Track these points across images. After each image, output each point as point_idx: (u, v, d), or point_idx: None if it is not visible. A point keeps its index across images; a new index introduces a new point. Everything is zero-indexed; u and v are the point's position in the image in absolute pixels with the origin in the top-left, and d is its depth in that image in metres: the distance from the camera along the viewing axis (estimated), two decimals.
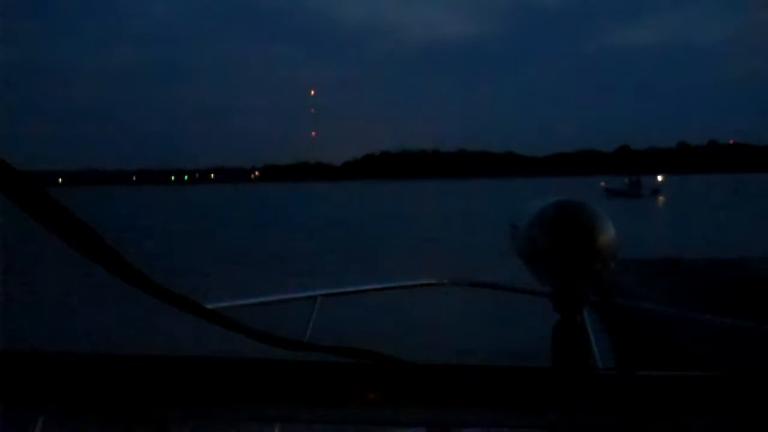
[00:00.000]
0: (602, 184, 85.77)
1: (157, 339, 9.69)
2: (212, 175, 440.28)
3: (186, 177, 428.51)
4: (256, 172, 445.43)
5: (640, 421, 0.79)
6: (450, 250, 27.16)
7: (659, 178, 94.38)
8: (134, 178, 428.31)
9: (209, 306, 2.52)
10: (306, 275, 19.21)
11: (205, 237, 38.00)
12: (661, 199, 77.35)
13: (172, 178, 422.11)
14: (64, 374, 0.78)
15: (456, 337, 11.08)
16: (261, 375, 0.80)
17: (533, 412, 0.80)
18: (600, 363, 1.11)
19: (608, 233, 1.08)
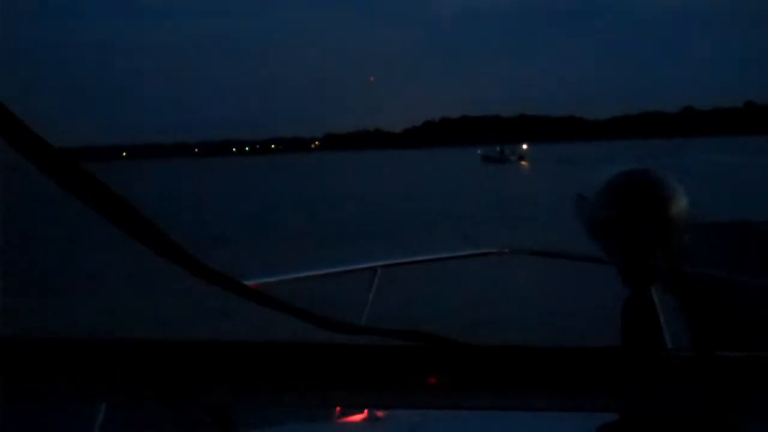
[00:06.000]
0: (479, 151, 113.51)
1: (203, 322, 9.85)
2: (273, 145, 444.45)
3: (247, 148, 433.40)
4: (316, 142, 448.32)
5: (717, 406, 0.74)
6: (512, 218, 27.00)
7: (524, 146, 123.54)
8: (196, 150, 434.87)
9: (258, 281, 2.53)
10: (365, 246, 19.28)
11: (257, 210, 38.46)
12: (524, 163, 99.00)
13: (234, 149, 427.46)
14: (121, 361, 0.77)
15: (517, 311, 10.98)
16: (317, 359, 0.77)
17: (602, 396, 0.76)
18: (673, 342, 1.07)
19: (681, 203, 1.03)
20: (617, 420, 1.11)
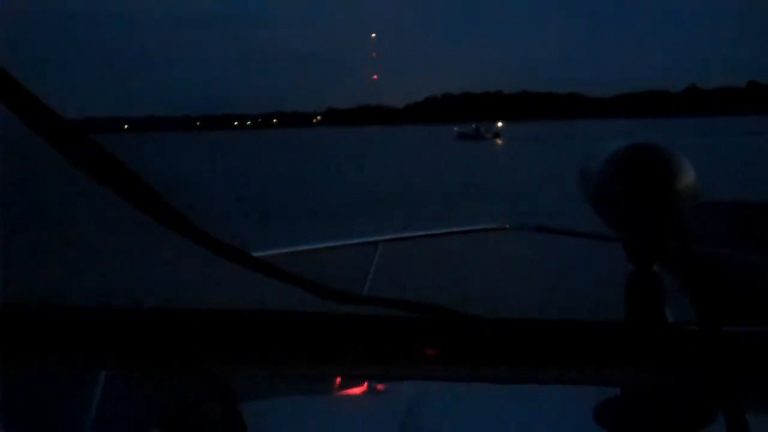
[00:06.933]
0: (455, 129, 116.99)
1: (205, 292, 9.86)
2: (274, 120, 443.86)
3: (249, 122, 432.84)
4: (318, 117, 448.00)
5: (722, 381, 0.74)
6: (513, 194, 26.97)
7: (499, 124, 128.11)
8: (198, 124, 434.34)
9: (259, 254, 2.54)
10: (367, 221, 19.27)
11: (260, 183, 38.50)
12: (499, 141, 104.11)
13: (235, 123, 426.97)
14: (122, 330, 0.77)
15: (519, 286, 10.97)
16: (318, 330, 0.77)
17: (606, 369, 0.76)
18: (679, 317, 1.07)
19: (687, 176, 1.02)
20: (621, 393, 1.11)
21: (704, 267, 1.47)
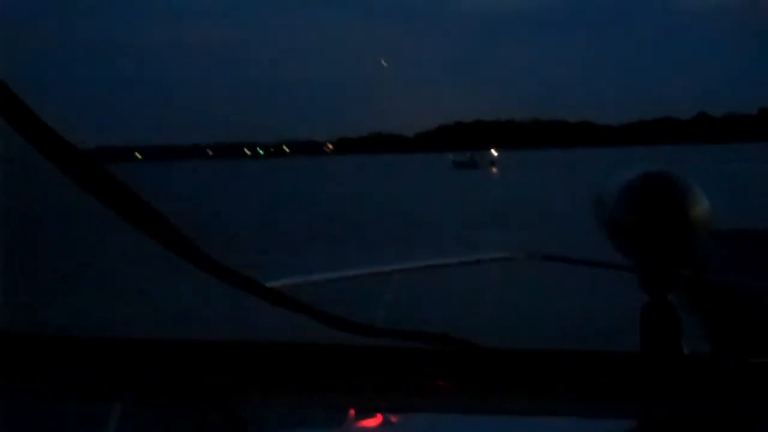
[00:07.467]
0: (450, 156, 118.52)
1: (216, 321, 9.85)
2: (286, 148, 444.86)
3: (260, 151, 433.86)
4: (330, 145, 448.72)
5: (742, 414, 0.73)
6: (524, 223, 26.90)
7: (494, 152, 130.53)
8: (209, 152, 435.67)
9: (271, 284, 2.53)
10: (380, 251, 19.25)
11: (271, 213, 38.60)
12: (494, 169, 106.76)
13: (246, 151, 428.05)
14: (137, 359, 0.77)
15: (532, 317, 10.93)
16: (332, 361, 0.77)
17: (621, 402, 0.75)
18: (693, 348, 1.05)
19: (700, 205, 1.02)
20: (636, 426, 1.09)
21: (719, 296, 1.46)
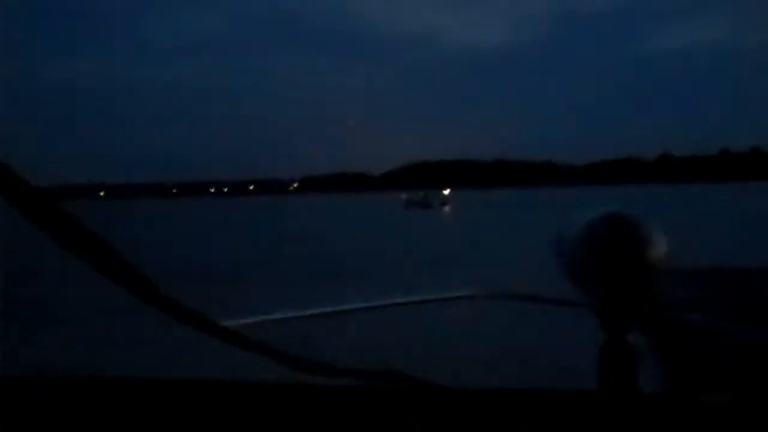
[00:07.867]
0: (403, 196, 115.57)
1: (168, 360, 9.75)
2: (251, 186, 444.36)
3: (225, 189, 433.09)
4: (295, 184, 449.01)
5: None
6: (488, 262, 27.00)
7: (446, 192, 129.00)
8: (174, 191, 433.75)
9: (227, 323, 2.51)
10: (341, 290, 19.20)
11: (233, 250, 38.45)
12: (446, 209, 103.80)
13: (211, 190, 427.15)
14: (66, 398, 0.75)
15: (493, 354, 10.97)
16: (292, 402, 0.76)
17: None
18: (651, 387, 1.06)
19: (657, 245, 1.03)
20: None
21: (676, 334, 1.48)
